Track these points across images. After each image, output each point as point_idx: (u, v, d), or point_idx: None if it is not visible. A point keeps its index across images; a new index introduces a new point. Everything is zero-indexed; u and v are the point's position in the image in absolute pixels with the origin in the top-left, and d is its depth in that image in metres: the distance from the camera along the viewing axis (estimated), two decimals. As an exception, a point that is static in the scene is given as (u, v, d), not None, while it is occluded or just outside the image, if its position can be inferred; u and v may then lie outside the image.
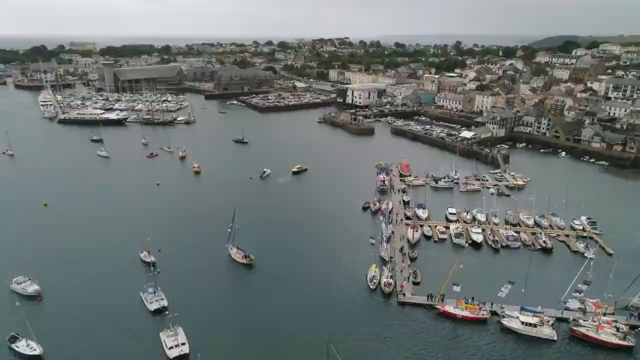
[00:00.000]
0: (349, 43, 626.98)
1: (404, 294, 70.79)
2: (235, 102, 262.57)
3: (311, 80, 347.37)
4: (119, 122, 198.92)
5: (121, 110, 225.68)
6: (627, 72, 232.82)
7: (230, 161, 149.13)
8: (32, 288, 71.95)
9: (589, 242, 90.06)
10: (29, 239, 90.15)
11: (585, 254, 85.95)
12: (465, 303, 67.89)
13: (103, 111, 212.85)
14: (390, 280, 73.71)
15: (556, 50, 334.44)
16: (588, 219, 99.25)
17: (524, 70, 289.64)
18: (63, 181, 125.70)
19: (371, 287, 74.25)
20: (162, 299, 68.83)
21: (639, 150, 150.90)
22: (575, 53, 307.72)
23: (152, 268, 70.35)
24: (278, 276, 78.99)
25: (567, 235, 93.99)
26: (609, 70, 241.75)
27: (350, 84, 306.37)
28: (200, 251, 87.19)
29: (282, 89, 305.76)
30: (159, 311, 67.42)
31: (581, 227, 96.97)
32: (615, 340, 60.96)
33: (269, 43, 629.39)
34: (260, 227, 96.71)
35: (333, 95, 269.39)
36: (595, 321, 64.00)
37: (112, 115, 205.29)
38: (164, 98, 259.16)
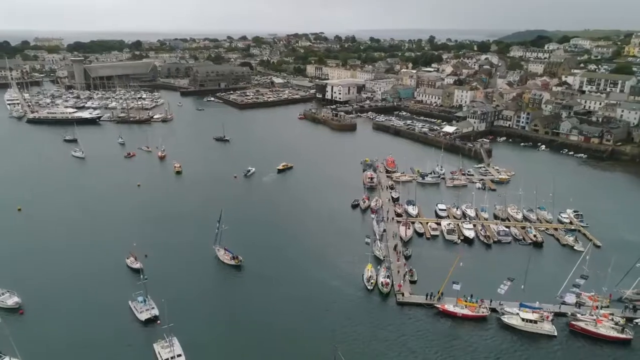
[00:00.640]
0: (324, 38, 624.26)
1: (403, 294, 69.77)
2: (212, 98, 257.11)
3: (288, 75, 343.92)
4: (93, 121, 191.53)
5: (94, 108, 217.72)
6: (599, 66, 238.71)
7: (212, 160, 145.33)
8: (11, 300, 67.68)
9: (578, 235, 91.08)
10: (4, 247, 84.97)
11: (575, 247, 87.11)
12: (465, 301, 67.35)
13: (75, 110, 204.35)
14: (388, 280, 72.58)
15: (529, 44, 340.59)
16: (574, 211, 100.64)
17: (499, 64, 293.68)
18: (37, 184, 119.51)
19: (368, 287, 72.97)
20: (152, 308, 65.70)
21: (615, 142, 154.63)
22: (548, 47, 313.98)
23: (141, 276, 66.94)
24: (270, 278, 76.82)
25: (555, 229, 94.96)
26: (582, 65, 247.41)
27: (328, 79, 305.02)
28: (187, 254, 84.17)
29: (259, 85, 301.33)
30: (150, 321, 64.36)
31: (568, 220, 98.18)
32: (614, 334, 61.49)
33: (243, 38, 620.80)
34: (247, 228, 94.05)
35: (312, 91, 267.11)
36: (592, 315, 64.47)
37: (85, 114, 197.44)
38: (138, 95, 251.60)
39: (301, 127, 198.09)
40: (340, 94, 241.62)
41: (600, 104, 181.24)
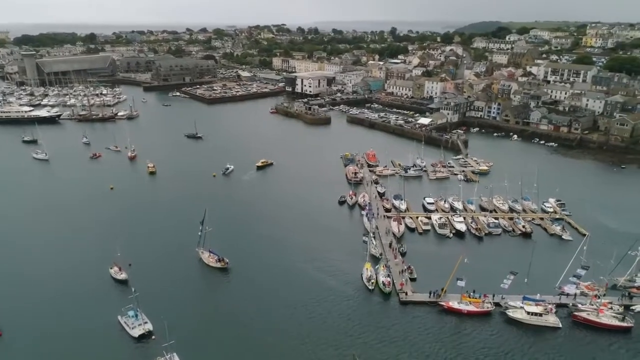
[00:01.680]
0: (286, 30, 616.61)
1: (406, 293, 68.35)
2: (178, 93, 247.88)
3: (254, 68, 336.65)
4: (52, 120, 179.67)
5: (51, 106, 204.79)
6: (561, 57, 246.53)
7: (187, 158, 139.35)
8: (-16, 323, 61.49)
9: (564, 224, 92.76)
10: (-31, 262, 77.64)
11: (563, 236, 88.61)
12: (469, 297, 66.74)
13: (31, 108, 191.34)
14: (389, 280, 71.00)
15: (491, 35, 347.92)
16: (557, 201, 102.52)
17: (464, 55, 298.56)
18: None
19: (369, 287, 71.16)
20: (145, 323, 61.18)
21: (583, 131, 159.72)
22: (509, 39, 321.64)
23: (132, 289, 62.12)
24: (261, 281, 73.93)
25: (541, 219, 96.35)
26: (544, 55, 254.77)
27: (295, 72, 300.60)
28: (172, 260, 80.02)
29: (225, 78, 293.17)
30: (144, 337, 59.97)
31: (552, 210, 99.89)
32: (615, 323, 62.43)
33: (204, 30, 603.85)
34: (230, 228, 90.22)
35: (281, 84, 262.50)
36: (592, 304, 65.31)
37: (42, 112, 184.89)
38: (97, 91, 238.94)
39: (274, 122, 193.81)
40: (310, 87, 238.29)
41: (565, 93, 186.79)
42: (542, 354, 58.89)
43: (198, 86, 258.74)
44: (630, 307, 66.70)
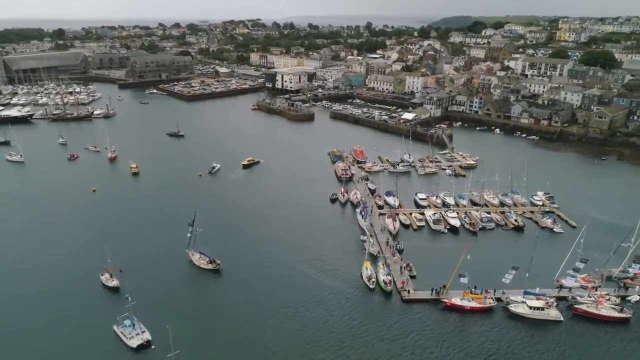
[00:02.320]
0: (262, 25, 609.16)
1: (408, 291, 67.82)
2: (155, 91, 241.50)
3: (232, 64, 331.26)
4: (24, 120, 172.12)
5: (22, 105, 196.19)
6: (537, 51, 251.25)
7: (170, 157, 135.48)
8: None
9: (554, 218, 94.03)
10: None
11: (554, 229, 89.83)
12: (471, 293, 66.71)
13: (1, 107, 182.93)
14: (390, 278, 70.36)
15: (467, 30, 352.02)
16: (545, 194, 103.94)
17: (442, 50, 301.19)
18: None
19: (370, 286, 70.34)
20: (143, 332, 58.60)
21: (562, 124, 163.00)
22: (485, 33, 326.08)
23: (128, 298, 59.37)
24: (256, 282, 72.17)
25: (532, 212, 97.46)
26: (520, 50, 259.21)
27: (274, 67, 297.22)
28: (163, 264, 77.41)
29: (203, 75, 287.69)
30: (143, 347, 57.41)
31: (541, 203, 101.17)
32: (614, 314, 63.42)
33: (177, 25, 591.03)
34: (219, 228, 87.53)
35: (261, 80, 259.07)
36: (591, 297, 66.21)
37: (13, 112, 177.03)
38: (70, 89, 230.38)
39: (256, 119, 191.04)
40: (291, 82, 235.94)
41: (544, 87, 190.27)
42: (546, 348, 59.25)
43: (175, 83, 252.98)
44: (626, 298, 67.95)
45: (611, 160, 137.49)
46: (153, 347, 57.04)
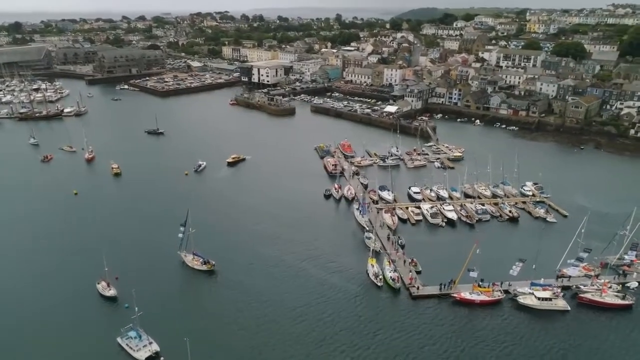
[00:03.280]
0: (230, 17, 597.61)
1: (418, 288, 67.40)
2: (126, 86, 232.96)
3: (204, 58, 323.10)
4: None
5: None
6: (509, 43, 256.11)
7: (152, 156, 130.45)
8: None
9: (547, 207, 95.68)
10: None
11: (547, 219, 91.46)
12: (479, 286, 66.92)
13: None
14: (397, 275, 69.77)
15: (438, 22, 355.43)
16: (534, 184, 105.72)
17: (416, 42, 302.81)
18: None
19: (378, 284, 69.54)
20: (151, 343, 55.86)
21: (540, 114, 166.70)
22: (456, 25, 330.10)
23: (135, 310, 56.28)
24: (255, 283, 70.49)
25: (523, 202, 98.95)
26: (493, 41, 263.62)
27: (247, 61, 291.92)
28: (156, 267, 74.87)
29: (174, 69, 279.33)
30: (152, 359, 54.77)
31: (531, 193, 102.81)
32: (618, 301, 64.94)
33: (142, 18, 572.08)
34: (211, 228, 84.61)
35: (236, 75, 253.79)
36: (594, 285, 67.59)
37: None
38: (35, 86, 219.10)
39: (236, 114, 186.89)
40: (268, 76, 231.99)
41: (519, 78, 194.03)
42: (556, 338, 60.13)
43: (147, 78, 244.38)
44: (625, 285, 69.74)
45: (589, 149, 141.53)
46: (162, 358, 54.45)
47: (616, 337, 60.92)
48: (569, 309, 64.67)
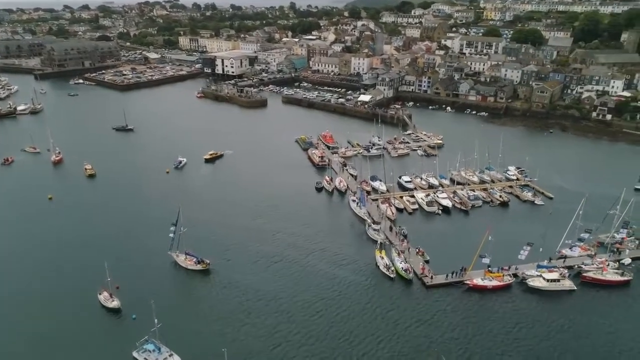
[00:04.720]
0: (181, 6, 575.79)
1: (431, 277, 67.75)
2: (81, 81, 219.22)
3: (159, 49, 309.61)
4: None
5: None
6: (469, 30, 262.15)
7: (125, 155, 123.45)
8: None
9: (534, 191, 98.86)
10: None
11: (535, 202, 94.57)
12: (490, 272, 68.16)
13: None
14: (408, 265, 69.83)
15: (396, 10, 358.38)
16: (517, 168, 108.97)
17: (377, 30, 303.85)
18: None
19: (390, 275, 69.31)
20: (171, 355, 52.85)
21: (507, 99, 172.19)
22: (415, 13, 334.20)
23: (155, 320, 52.81)
24: (261, 282, 68.49)
25: (510, 187, 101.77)
26: (454, 29, 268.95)
27: (207, 52, 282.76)
28: (155, 272, 71.41)
29: (130, 61, 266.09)
30: (174, 372, 51.98)
31: (515, 177, 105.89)
32: (618, 278, 68.15)
33: (86, 7, 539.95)
34: (201, 226, 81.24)
35: (198, 66, 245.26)
36: (594, 264, 70.58)
37: None
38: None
39: (205, 107, 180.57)
40: (232, 67, 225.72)
41: (484, 65, 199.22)
42: (567, 316, 62.37)
43: (103, 71, 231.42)
44: (621, 262, 73.32)
45: (557, 132, 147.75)
46: (185, 370, 51.75)
47: (619, 312, 63.97)
48: (575, 288, 67.15)
